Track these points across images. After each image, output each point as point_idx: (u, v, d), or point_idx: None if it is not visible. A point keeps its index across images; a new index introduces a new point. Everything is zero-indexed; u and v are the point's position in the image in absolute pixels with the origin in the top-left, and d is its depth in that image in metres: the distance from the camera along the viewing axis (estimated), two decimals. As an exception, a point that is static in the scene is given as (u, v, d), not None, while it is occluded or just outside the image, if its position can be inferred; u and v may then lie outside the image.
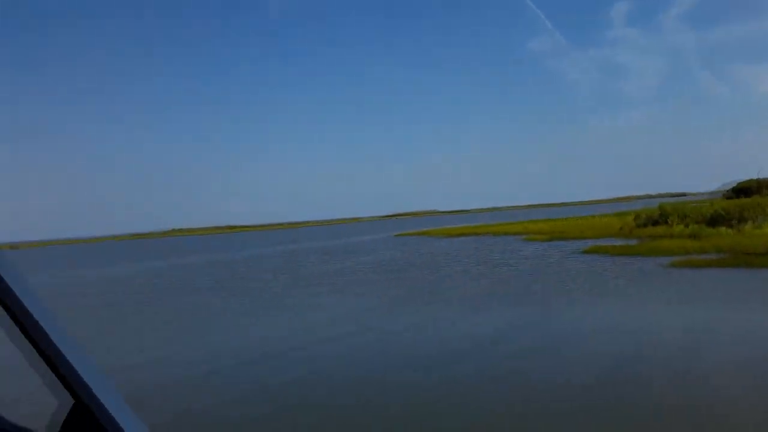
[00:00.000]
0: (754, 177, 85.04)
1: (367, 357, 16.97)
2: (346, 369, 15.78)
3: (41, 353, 1.38)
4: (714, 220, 47.89)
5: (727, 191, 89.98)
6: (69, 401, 1.37)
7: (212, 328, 23.05)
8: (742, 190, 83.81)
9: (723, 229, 44.07)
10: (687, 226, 48.18)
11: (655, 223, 53.97)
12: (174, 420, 12.51)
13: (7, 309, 1.39)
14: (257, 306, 27.79)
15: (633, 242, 44.92)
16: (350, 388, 14.01)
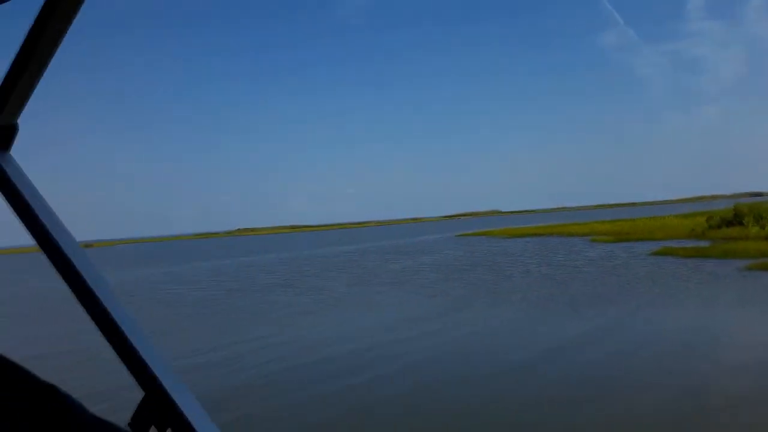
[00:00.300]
0: None
1: (430, 360, 16.96)
2: (413, 372, 15.73)
3: (114, 346, 1.46)
4: (793, 222, 45.60)
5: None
6: (140, 393, 1.42)
7: (280, 327, 23.58)
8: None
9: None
10: (763, 227, 46.03)
11: (729, 224, 51.78)
12: (257, 417, 12.95)
13: (86, 305, 1.48)
14: (323, 305, 28.26)
15: (705, 244, 43.31)
16: (418, 393, 14.06)
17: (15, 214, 1.57)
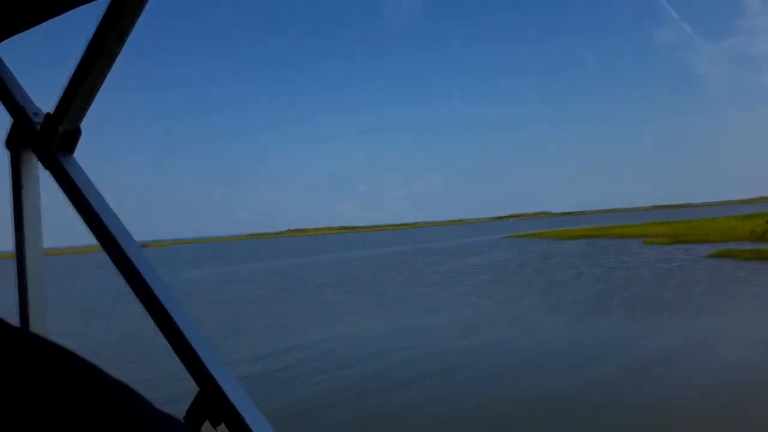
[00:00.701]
0: None
1: (491, 372, 16.47)
2: (474, 386, 15.27)
3: (171, 343, 1.52)
4: None
5: None
6: (194, 389, 1.48)
7: (341, 329, 23.77)
8: None
9: None
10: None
11: (793, 226, 50.01)
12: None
13: (145, 303, 1.55)
14: (376, 305, 28.60)
15: (765, 246, 41.96)
16: (481, 411, 13.83)
17: (79, 216, 1.64)
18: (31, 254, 1.77)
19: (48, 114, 1.69)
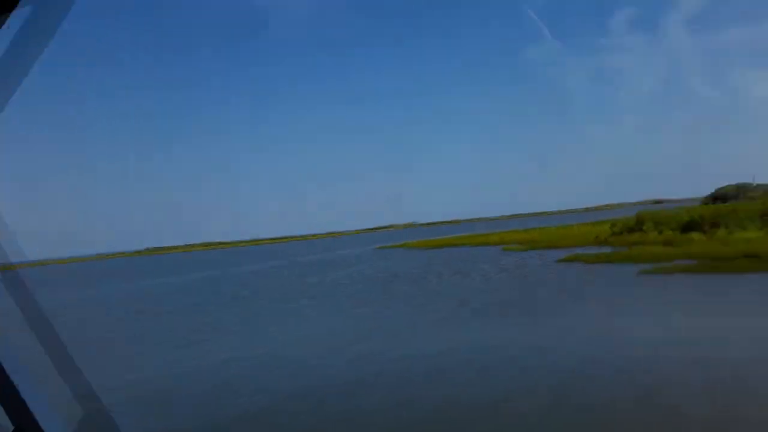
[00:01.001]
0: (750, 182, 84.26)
1: (362, 381, 16.86)
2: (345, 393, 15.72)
3: None
4: (688, 227, 48.81)
5: (705, 198, 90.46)
6: (10, 426, 1.41)
7: (190, 353, 23.06)
8: (720, 196, 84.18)
9: (696, 235, 45.10)
10: (661, 233, 49.13)
11: (631, 230, 54.64)
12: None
13: None
14: (237, 324, 27.89)
15: (609, 250, 45.70)
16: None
17: None
18: None
19: None
